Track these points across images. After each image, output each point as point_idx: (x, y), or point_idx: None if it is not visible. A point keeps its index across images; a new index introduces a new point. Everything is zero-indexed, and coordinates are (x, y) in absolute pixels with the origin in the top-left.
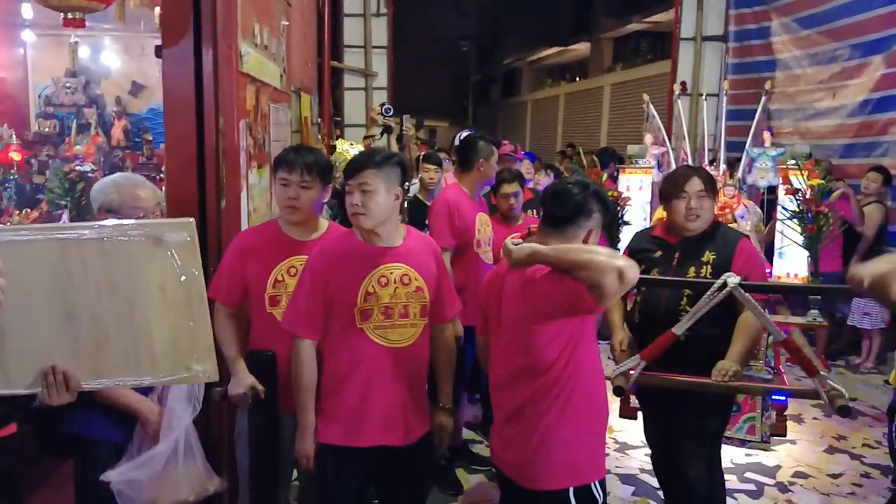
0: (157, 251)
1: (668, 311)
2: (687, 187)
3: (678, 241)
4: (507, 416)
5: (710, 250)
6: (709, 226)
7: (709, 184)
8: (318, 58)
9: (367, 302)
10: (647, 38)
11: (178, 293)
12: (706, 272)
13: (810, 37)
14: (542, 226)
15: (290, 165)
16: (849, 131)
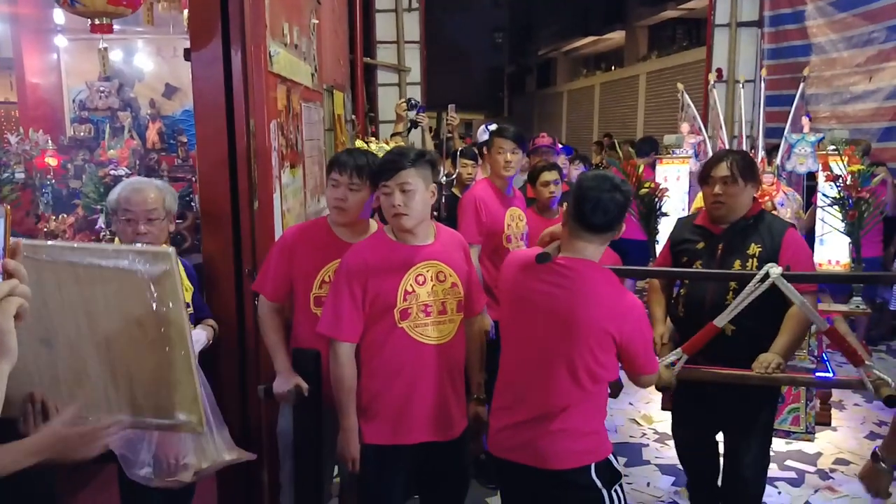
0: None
1: (713, 304)
2: (713, 172)
3: (722, 231)
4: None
5: (756, 242)
6: (752, 213)
7: (739, 168)
8: (351, 55)
9: (406, 301)
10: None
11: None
12: (752, 265)
13: (845, 20)
14: (572, 223)
15: (341, 167)
16: (886, 114)
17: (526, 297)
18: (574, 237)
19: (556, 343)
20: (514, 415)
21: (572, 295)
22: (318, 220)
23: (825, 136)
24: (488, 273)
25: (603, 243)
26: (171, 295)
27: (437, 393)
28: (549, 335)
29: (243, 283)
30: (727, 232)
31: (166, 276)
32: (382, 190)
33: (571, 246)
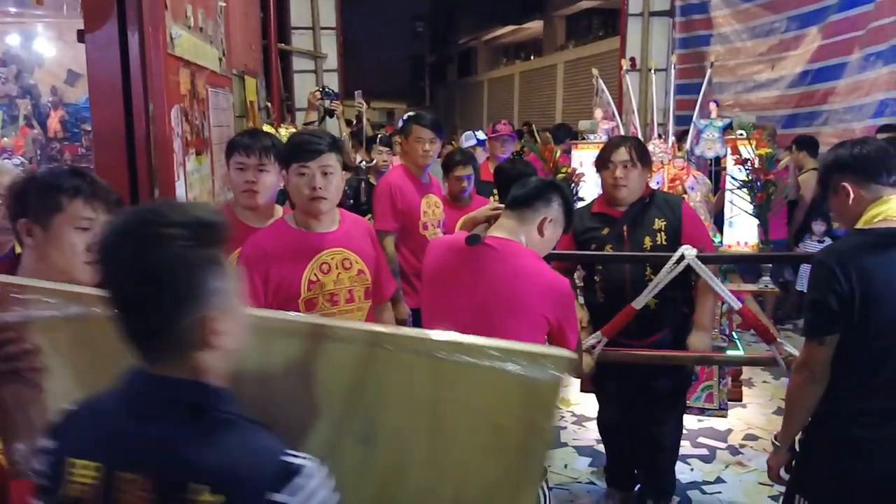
0: (508, 385)
1: (633, 284)
2: (613, 157)
3: (622, 214)
4: None
5: (658, 217)
6: (647, 194)
7: (637, 153)
8: (264, 40)
9: (311, 291)
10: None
11: (517, 438)
12: (661, 239)
13: (749, 10)
14: (505, 207)
15: (246, 149)
16: (790, 102)
17: (452, 280)
18: (501, 217)
19: (485, 324)
20: None
21: (503, 275)
22: (222, 207)
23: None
24: (405, 260)
25: (527, 223)
26: (549, 406)
27: None
28: (477, 317)
29: None
30: (627, 214)
31: (554, 385)
32: (299, 171)
33: (499, 226)
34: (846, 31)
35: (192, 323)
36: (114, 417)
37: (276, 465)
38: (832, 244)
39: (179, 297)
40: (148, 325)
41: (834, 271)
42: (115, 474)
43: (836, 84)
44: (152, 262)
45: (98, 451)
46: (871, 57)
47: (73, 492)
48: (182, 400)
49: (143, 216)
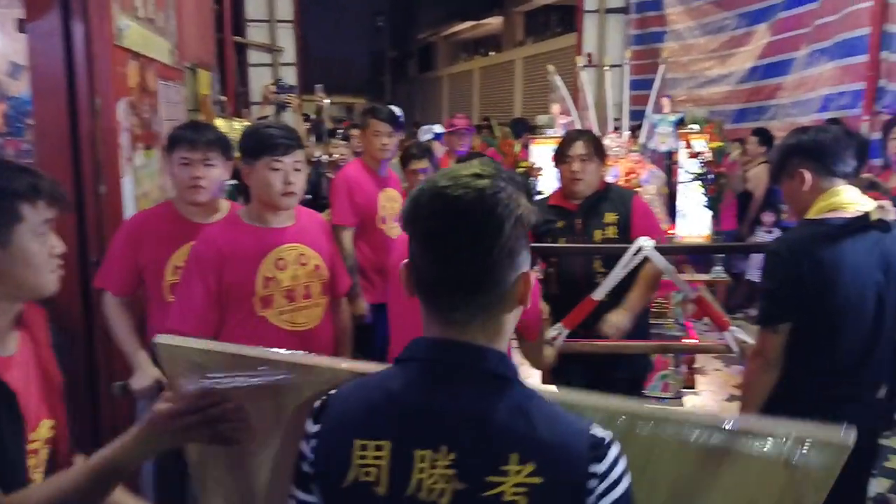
0: (766, 469)
1: (585, 276)
2: (570, 151)
3: (577, 207)
4: None
5: (610, 210)
6: (601, 187)
7: (594, 147)
8: (219, 33)
9: (267, 288)
10: (555, 11)
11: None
12: (612, 232)
13: (701, 7)
14: None
15: (191, 143)
16: (740, 97)
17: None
18: None
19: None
20: None
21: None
22: (161, 204)
23: (685, 116)
24: (363, 255)
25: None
26: (819, 493)
27: None
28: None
29: (88, 273)
30: (582, 207)
31: (830, 471)
32: (272, 165)
33: None
34: (793, 28)
35: (515, 279)
36: (406, 393)
37: (587, 436)
38: (785, 235)
39: (512, 252)
40: (478, 281)
41: (787, 261)
42: (412, 452)
43: (783, 80)
44: (499, 217)
45: (388, 429)
46: (817, 53)
47: (362, 475)
48: (488, 369)
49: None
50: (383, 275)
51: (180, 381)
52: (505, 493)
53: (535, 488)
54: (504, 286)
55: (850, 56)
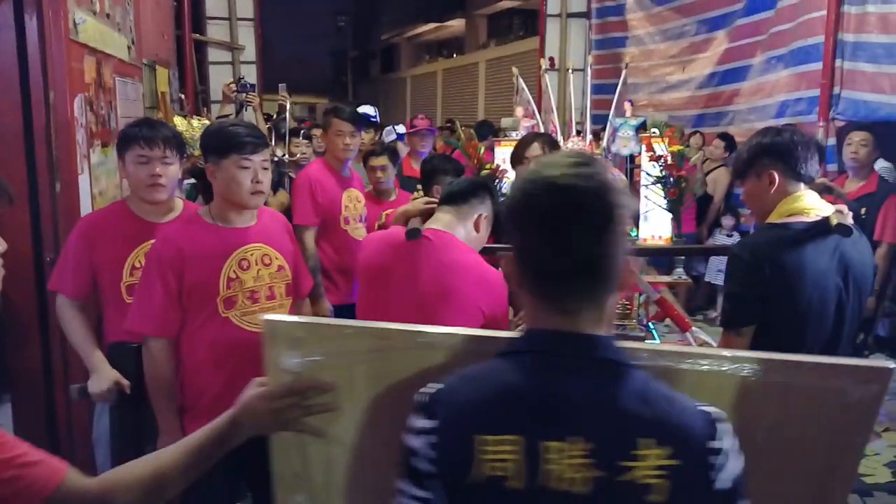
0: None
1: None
2: (528, 153)
3: None
4: None
5: None
6: None
7: (550, 148)
8: (178, 30)
9: (230, 289)
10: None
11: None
12: None
13: (661, 13)
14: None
15: (148, 141)
16: (698, 102)
17: (390, 274)
18: (437, 212)
19: (423, 317)
20: None
21: (440, 267)
22: (115, 204)
23: (646, 120)
24: (325, 256)
25: (464, 218)
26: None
27: None
28: (416, 310)
29: (44, 272)
30: None
31: (875, 399)
32: (241, 163)
33: (436, 220)
34: (750, 35)
35: (621, 265)
36: (528, 385)
37: (702, 414)
38: (748, 238)
39: (622, 237)
40: (595, 268)
41: (750, 265)
42: (541, 444)
43: (740, 86)
44: (612, 204)
45: (515, 423)
46: (773, 60)
47: (491, 470)
48: (604, 356)
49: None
50: (346, 276)
51: (281, 360)
52: (642, 477)
53: (672, 469)
54: (615, 271)
55: (806, 63)
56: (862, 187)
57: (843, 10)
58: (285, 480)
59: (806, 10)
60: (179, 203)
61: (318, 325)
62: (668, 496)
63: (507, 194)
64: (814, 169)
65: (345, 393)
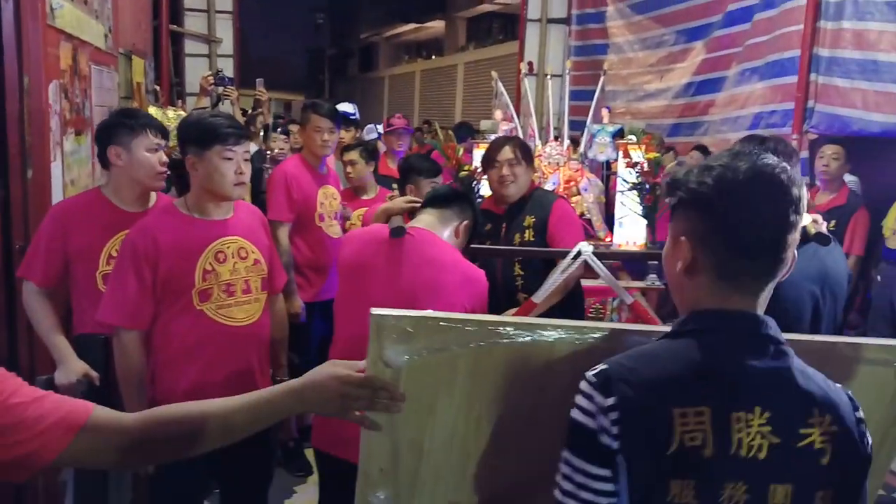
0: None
1: (504, 280)
2: (499, 156)
3: (503, 211)
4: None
5: (529, 214)
6: (527, 193)
7: (521, 151)
8: (155, 20)
9: (206, 281)
10: (498, 18)
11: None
12: (529, 235)
13: (641, 22)
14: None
15: (160, 129)
16: (675, 112)
17: (374, 271)
18: (420, 212)
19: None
20: None
21: (424, 263)
22: (90, 192)
23: (623, 127)
24: (299, 253)
25: (447, 222)
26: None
27: (243, 378)
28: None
29: (13, 260)
30: (508, 212)
31: None
32: (224, 154)
33: (419, 220)
34: (727, 46)
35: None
36: (714, 362)
37: (841, 389)
38: None
39: (799, 223)
40: (779, 249)
41: None
42: (729, 415)
43: (715, 96)
44: (797, 191)
45: (705, 396)
46: (747, 72)
47: (687, 441)
48: (771, 336)
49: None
50: (320, 272)
51: (385, 354)
52: (815, 443)
53: (833, 436)
54: (792, 258)
55: (781, 76)
56: (832, 200)
57: (819, 25)
58: (370, 476)
59: (782, 24)
60: (153, 194)
61: (424, 319)
62: (831, 459)
63: (688, 181)
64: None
65: (444, 388)
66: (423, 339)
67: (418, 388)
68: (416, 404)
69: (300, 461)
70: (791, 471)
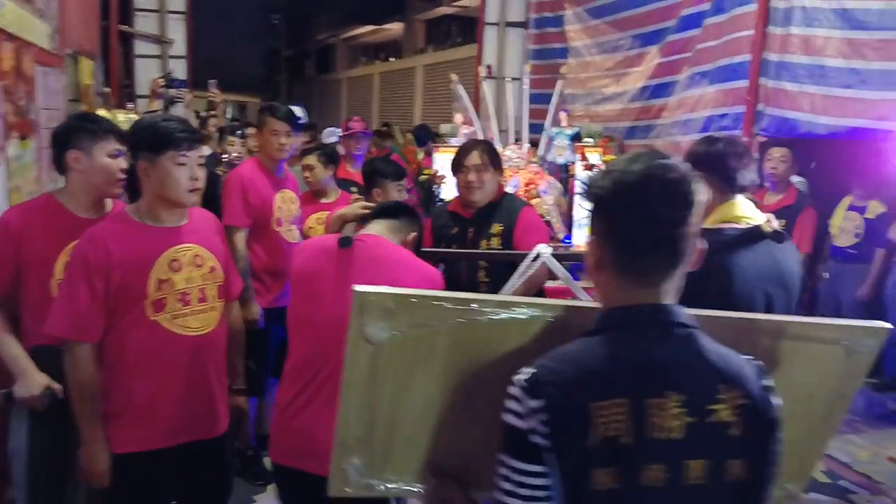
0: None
1: (469, 285)
2: (466, 161)
3: (471, 215)
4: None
5: (497, 221)
6: (496, 197)
7: (489, 157)
8: (104, 20)
9: (160, 291)
10: (456, 21)
11: (823, 409)
12: (496, 243)
13: (598, 26)
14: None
15: (120, 135)
16: (631, 115)
17: (327, 279)
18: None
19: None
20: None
21: (378, 264)
22: (41, 198)
23: (581, 130)
24: (256, 258)
25: (397, 233)
26: (859, 377)
27: (200, 388)
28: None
29: None
30: (476, 216)
31: (869, 356)
32: (178, 160)
33: (371, 229)
34: (679, 51)
35: (693, 244)
36: (629, 355)
37: (748, 360)
38: None
39: (696, 221)
40: (679, 245)
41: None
42: (644, 402)
43: (667, 100)
44: (694, 191)
45: (622, 389)
46: (697, 76)
47: (604, 432)
48: (680, 322)
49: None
50: (277, 278)
51: (367, 330)
52: (724, 416)
53: (744, 408)
54: (691, 250)
55: (732, 80)
56: (781, 200)
57: (769, 30)
58: (345, 444)
59: (732, 30)
60: (109, 200)
61: (406, 296)
62: (743, 429)
63: (593, 185)
64: (748, 178)
65: (421, 362)
66: (405, 315)
67: (398, 364)
68: (395, 378)
69: (259, 470)
70: (704, 446)
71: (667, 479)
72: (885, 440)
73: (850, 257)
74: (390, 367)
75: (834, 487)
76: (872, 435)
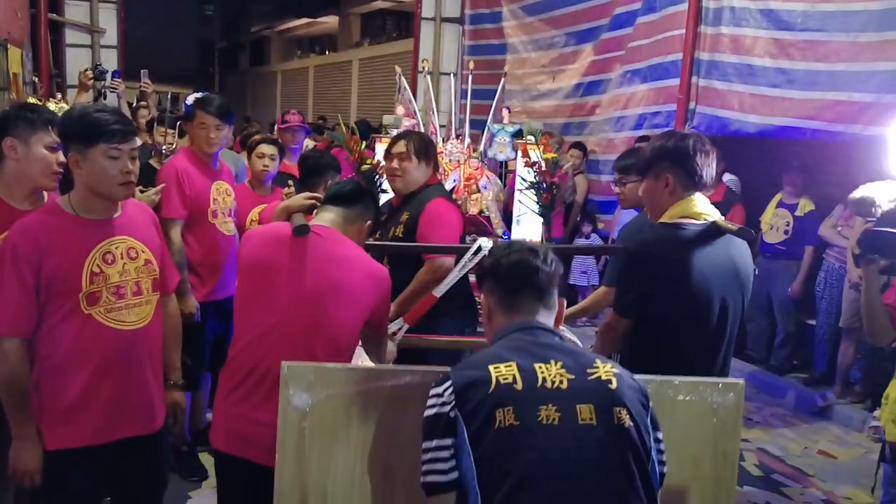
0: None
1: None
2: (393, 149)
3: (398, 204)
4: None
5: (407, 210)
6: (419, 188)
7: (416, 147)
8: (32, 8)
9: (93, 284)
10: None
11: (712, 470)
12: (399, 231)
13: (533, 24)
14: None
15: (56, 126)
16: (565, 111)
17: (276, 270)
18: (321, 210)
19: (311, 311)
20: (250, 403)
21: (329, 261)
22: None
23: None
24: (192, 251)
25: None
26: (734, 432)
27: (136, 383)
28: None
29: None
30: (400, 205)
31: (735, 408)
32: (109, 153)
33: (321, 217)
34: (613, 49)
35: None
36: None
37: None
38: (640, 234)
39: (556, 286)
40: (548, 293)
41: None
42: (532, 365)
43: (600, 97)
44: (554, 273)
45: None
46: (629, 74)
47: (502, 380)
48: (544, 328)
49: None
50: (213, 270)
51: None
52: (602, 376)
53: (617, 375)
54: (554, 294)
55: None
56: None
57: (700, 29)
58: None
59: (664, 29)
60: (46, 193)
61: (322, 368)
62: (617, 386)
63: (486, 263)
64: (709, 175)
65: (342, 432)
66: (322, 385)
67: (321, 432)
68: (320, 449)
69: (194, 466)
70: (589, 394)
71: (560, 416)
72: (815, 434)
73: (779, 254)
74: (315, 434)
75: (766, 480)
76: (803, 429)
